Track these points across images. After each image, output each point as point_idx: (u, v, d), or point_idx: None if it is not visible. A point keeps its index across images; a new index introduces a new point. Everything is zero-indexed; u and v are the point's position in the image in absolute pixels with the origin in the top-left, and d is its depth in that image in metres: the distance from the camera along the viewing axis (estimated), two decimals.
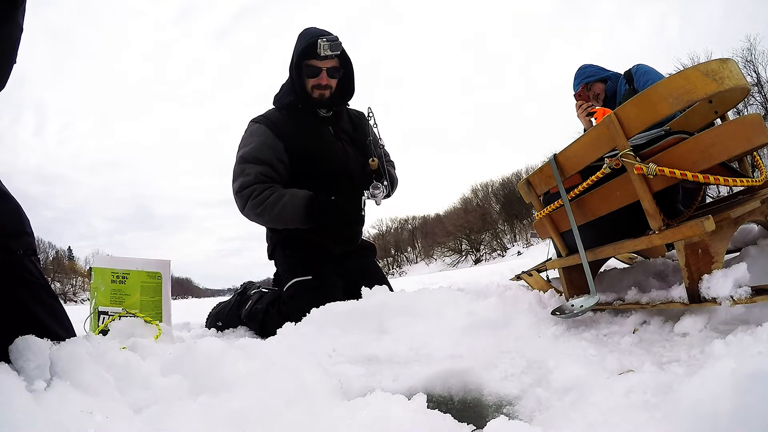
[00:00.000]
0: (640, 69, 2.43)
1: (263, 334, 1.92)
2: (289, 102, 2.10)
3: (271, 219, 1.95)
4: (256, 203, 1.94)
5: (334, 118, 2.16)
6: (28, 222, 0.94)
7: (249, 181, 1.96)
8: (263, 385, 0.86)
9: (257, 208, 1.94)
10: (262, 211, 1.94)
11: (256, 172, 1.96)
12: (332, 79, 2.06)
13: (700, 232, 0.98)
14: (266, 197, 1.93)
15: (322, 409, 0.84)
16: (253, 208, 1.95)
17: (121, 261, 1.87)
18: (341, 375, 1.14)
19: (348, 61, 2.11)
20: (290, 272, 2.03)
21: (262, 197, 1.94)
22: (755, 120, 1.09)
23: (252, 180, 1.96)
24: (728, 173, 1.13)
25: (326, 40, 1.94)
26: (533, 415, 0.91)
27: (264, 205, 1.93)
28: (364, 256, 2.24)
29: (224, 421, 0.75)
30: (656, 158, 1.09)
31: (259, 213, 1.95)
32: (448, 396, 1.08)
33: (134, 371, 0.86)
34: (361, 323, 1.47)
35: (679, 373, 0.85)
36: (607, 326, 1.23)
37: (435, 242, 53.94)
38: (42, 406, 0.66)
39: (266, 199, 1.93)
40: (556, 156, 1.31)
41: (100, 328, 1.73)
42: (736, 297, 0.94)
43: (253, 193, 1.95)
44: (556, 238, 1.46)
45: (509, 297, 1.48)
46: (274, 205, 1.92)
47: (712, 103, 1.34)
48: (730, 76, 1.03)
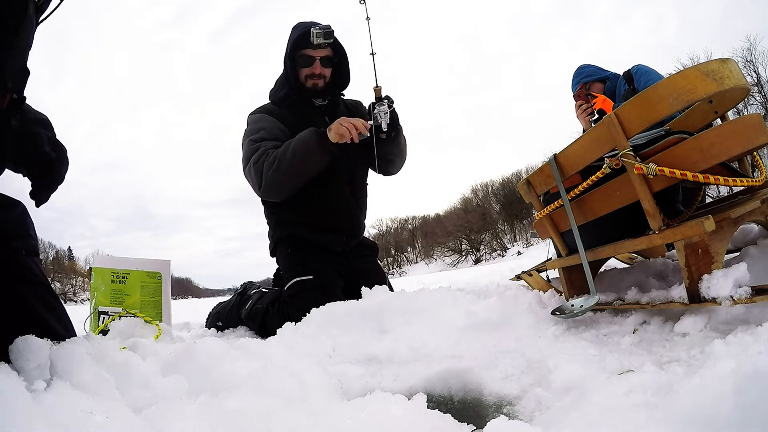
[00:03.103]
0: (640, 69, 2.43)
1: (263, 334, 1.92)
2: (284, 95, 2.10)
3: (289, 167, 1.87)
4: (270, 162, 1.90)
5: (330, 108, 2.15)
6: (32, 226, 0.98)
7: (262, 152, 1.94)
8: (263, 385, 0.86)
9: (273, 165, 1.89)
10: (278, 165, 1.88)
11: (269, 147, 1.95)
12: (326, 68, 2.06)
13: (700, 232, 0.98)
14: (276, 153, 1.90)
15: (322, 409, 0.84)
16: (269, 169, 1.90)
17: (121, 261, 1.87)
18: (341, 375, 1.14)
19: (342, 51, 2.10)
20: (291, 271, 2.03)
21: (273, 155, 1.90)
22: (755, 120, 1.09)
23: (264, 151, 1.94)
24: (728, 173, 1.13)
25: (319, 28, 1.94)
26: (533, 415, 0.91)
27: (278, 159, 1.88)
28: (366, 255, 2.24)
29: (224, 421, 0.75)
30: (656, 158, 1.09)
31: (276, 169, 1.88)
32: (448, 396, 1.08)
33: (134, 371, 0.86)
34: (361, 323, 1.47)
35: (679, 373, 0.85)
36: (607, 326, 1.23)
37: (435, 242, 53.94)
38: (42, 406, 0.66)
39: (277, 154, 1.90)
40: (556, 156, 1.31)
41: (100, 328, 1.73)
42: (736, 297, 0.94)
43: (266, 158, 1.91)
44: (556, 238, 1.46)
45: (509, 297, 1.48)
46: (285, 151, 1.88)
47: (712, 103, 1.34)
48: (730, 76, 1.03)
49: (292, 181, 1.92)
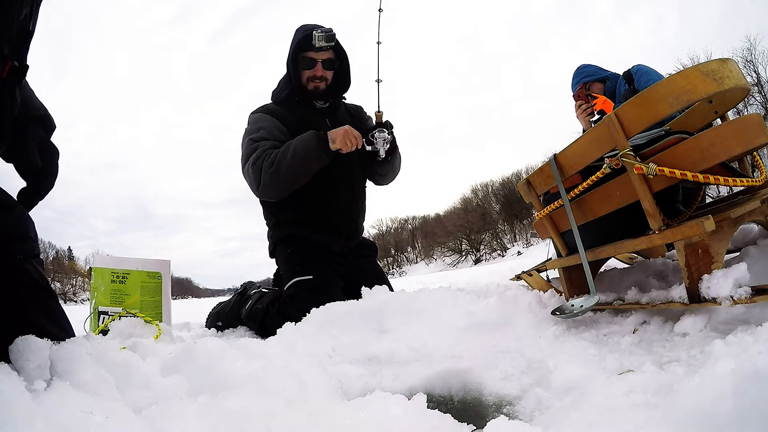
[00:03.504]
0: (640, 69, 2.43)
1: (263, 334, 1.92)
2: (286, 95, 2.12)
3: (288, 170, 1.89)
4: (269, 163, 1.91)
5: (331, 110, 2.17)
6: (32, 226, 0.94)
7: (260, 153, 1.95)
8: (263, 385, 0.86)
9: (271, 167, 1.90)
10: (277, 167, 1.89)
11: (267, 147, 1.96)
12: (327, 71, 2.08)
13: (700, 232, 0.98)
14: (276, 154, 1.92)
15: (322, 409, 0.84)
16: (267, 170, 1.91)
17: (121, 261, 1.87)
18: (341, 375, 1.14)
19: (343, 55, 2.12)
20: (291, 272, 2.03)
21: (272, 156, 1.92)
22: (755, 120, 1.09)
23: (263, 152, 1.95)
24: (728, 173, 1.13)
25: (321, 31, 1.97)
26: (533, 415, 0.91)
27: (277, 160, 1.90)
28: (365, 255, 2.24)
29: (224, 421, 0.75)
30: (656, 158, 1.09)
31: (275, 171, 1.90)
32: (448, 396, 1.08)
33: (134, 371, 0.86)
34: (361, 323, 1.47)
35: (679, 373, 0.85)
36: (607, 326, 1.23)
37: (435, 242, 53.92)
38: (42, 406, 0.66)
39: (277, 155, 1.91)
40: (556, 156, 1.31)
41: (100, 328, 1.74)
42: (736, 297, 0.94)
43: (265, 158, 1.93)
44: (556, 238, 1.46)
45: (509, 297, 1.48)
46: (285, 153, 1.89)
47: (712, 103, 1.34)
48: (730, 76, 1.03)
49: (290, 181, 1.94)
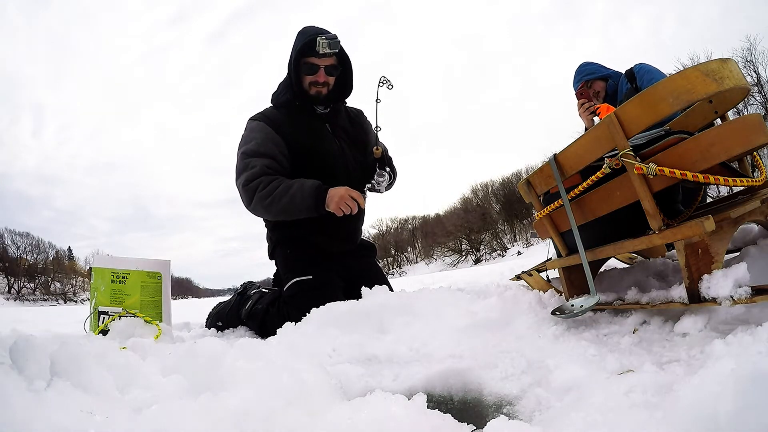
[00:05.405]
0: (642, 68, 2.42)
1: (263, 334, 1.92)
2: (287, 100, 2.10)
3: (279, 211, 1.92)
4: (263, 195, 1.92)
5: (332, 116, 2.16)
6: None
7: (255, 173, 1.95)
8: (263, 385, 0.86)
9: (265, 200, 1.91)
10: (270, 203, 1.91)
11: (262, 165, 1.95)
12: (330, 76, 2.07)
13: (700, 232, 0.98)
14: (273, 189, 1.91)
15: (322, 409, 0.84)
16: (260, 201, 1.92)
17: (121, 261, 1.87)
18: (341, 375, 1.14)
19: (346, 60, 2.12)
20: (290, 272, 2.03)
21: (269, 189, 1.92)
22: (755, 120, 1.09)
23: (258, 172, 1.95)
24: (728, 173, 1.13)
25: (325, 38, 1.95)
26: (533, 415, 0.91)
27: (272, 197, 1.90)
28: (365, 256, 2.24)
29: (224, 421, 0.75)
30: (656, 158, 1.09)
31: (267, 205, 1.91)
32: (448, 396, 1.08)
33: (134, 371, 0.86)
34: (361, 323, 1.47)
35: (679, 373, 0.85)
36: (607, 326, 1.23)
37: (435, 242, 53.88)
38: (42, 406, 0.66)
39: (274, 191, 1.91)
40: (556, 156, 1.31)
41: (100, 328, 1.74)
42: (736, 297, 0.93)
43: (259, 185, 1.93)
44: (556, 238, 1.46)
45: (509, 297, 1.48)
46: (282, 196, 1.90)
47: (712, 103, 1.34)
48: (730, 76, 1.02)
49: (279, 217, 2.00)
